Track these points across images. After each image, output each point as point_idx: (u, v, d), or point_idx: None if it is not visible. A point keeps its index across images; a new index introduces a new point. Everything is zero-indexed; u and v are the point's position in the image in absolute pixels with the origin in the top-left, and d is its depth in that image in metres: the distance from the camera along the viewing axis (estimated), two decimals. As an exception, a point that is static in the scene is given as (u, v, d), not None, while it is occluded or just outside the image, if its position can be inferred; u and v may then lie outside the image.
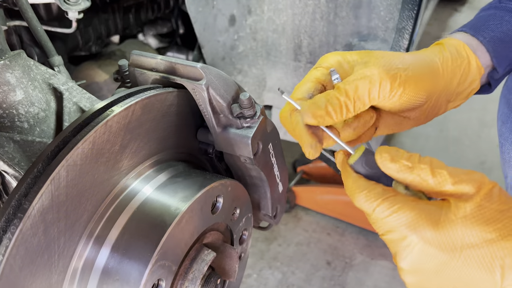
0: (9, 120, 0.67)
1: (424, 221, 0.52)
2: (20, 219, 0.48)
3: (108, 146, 0.58)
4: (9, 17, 1.05)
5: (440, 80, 0.69)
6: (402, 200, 0.54)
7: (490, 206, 0.51)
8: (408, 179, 0.55)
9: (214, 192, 0.68)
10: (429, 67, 0.68)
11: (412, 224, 0.52)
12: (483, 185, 0.52)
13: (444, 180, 0.53)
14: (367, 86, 0.61)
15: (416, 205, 0.53)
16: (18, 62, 0.67)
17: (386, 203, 0.54)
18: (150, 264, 0.56)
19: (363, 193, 0.56)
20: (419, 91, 0.66)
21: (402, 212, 0.53)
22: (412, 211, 0.53)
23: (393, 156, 0.56)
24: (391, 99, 0.64)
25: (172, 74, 0.67)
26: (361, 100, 0.62)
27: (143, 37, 1.90)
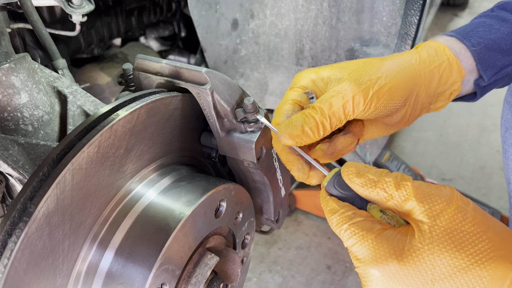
0: (14, 123, 0.67)
1: (387, 252, 0.47)
2: (25, 223, 0.48)
3: (113, 150, 0.58)
4: (13, 19, 1.06)
5: (417, 82, 0.68)
6: (367, 227, 0.50)
7: (461, 228, 0.46)
8: (373, 194, 0.51)
9: (218, 196, 0.68)
10: (406, 70, 0.67)
11: (373, 256, 0.48)
12: (451, 202, 0.47)
13: (408, 194, 0.49)
14: (340, 103, 0.61)
15: (381, 233, 0.49)
16: (23, 65, 0.67)
17: (352, 229, 0.51)
18: (154, 268, 0.56)
19: (333, 217, 0.53)
20: (394, 98, 0.65)
21: (364, 241, 0.49)
22: (375, 240, 0.49)
23: (359, 170, 0.53)
24: (366, 112, 0.63)
25: (177, 78, 0.68)
26: (336, 117, 0.61)
27: (145, 40, 1.91)
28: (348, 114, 0.62)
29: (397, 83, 0.65)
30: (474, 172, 2.28)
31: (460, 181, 2.21)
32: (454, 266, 0.45)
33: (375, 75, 0.63)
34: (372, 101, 0.63)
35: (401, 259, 0.47)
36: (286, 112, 0.65)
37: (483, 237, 0.45)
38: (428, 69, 0.69)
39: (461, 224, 0.46)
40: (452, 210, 0.46)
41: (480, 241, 0.45)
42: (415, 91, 0.68)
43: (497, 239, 0.45)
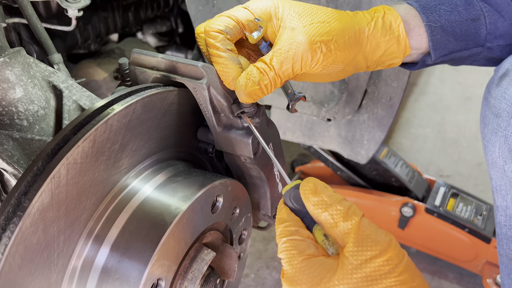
0: (8, 117, 0.66)
1: (304, 279, 0.49)
2: (19, 218, 0.48)
3: (109, 145, 0.58)
4: (8, 14, 1.05)
5: (362, 50, 0.70)
6: (301, 248, 0.51)
7: (383, 279, 0.47)
8: (321, 217, 0.52)
9: (214, 192, 0.68)
10: (355, 37, 0.69)
11: (292, 277, 0.50)
12: (385, 251, 0.48)
13: (350, 230, 0.50)
14: (290, 63, 0.64)
15: (309, 258, 0.50)
16: (17, 60, 0.66)
17: (286, 245, 0.52)
18: (150, 264, 0.56)
19: (278, 227, 0.55)
20: (337, 61, 0.68)
21: (291, 261, 0.50)
22: (300, 264, 0.50)
23: (317, 189, 0.53)
24: (311, 69, 0.67)
25: (173, 72, 0.67)
26: (286, 75, 0.65)
27: (142, 35, 1.90)
28: (296, 72, 0.65)
29: (343, 49, 0.68)
30: (471, 169, 2.28)
31: (458, 178, 2.21)
32: None
33: (327, 36, 0.65)
34: (319, 61, 0.66)
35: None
36: (227, 24, 0.65)
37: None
38: (376, 41, 0.71)
39: (384, 276, 0.47)
40: (381, 260, 0.47)
41: None
42: (357, 57, 0.71)
43: None
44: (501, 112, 0.69)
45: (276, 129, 0.80)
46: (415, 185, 1.69)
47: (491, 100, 0.72)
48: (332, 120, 1.38)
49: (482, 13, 0.75)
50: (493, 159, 0.72)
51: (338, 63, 0.68)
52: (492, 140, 0.71)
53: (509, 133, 0.67)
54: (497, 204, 0.75)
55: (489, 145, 0.73)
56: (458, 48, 0.76)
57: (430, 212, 1.59)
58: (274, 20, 0.67)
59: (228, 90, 0.67)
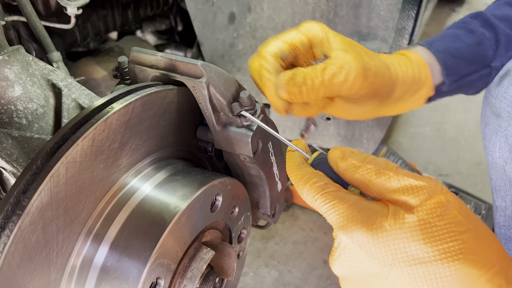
0: (7, 116, 0.66)
1: (357, 221, 0.47)
2: (18, 216, 0.48)
3: (108, 144, 0.57)
4: (7, 12, 1.04)
5: (395, 89, 0.72)
6: (341, 196, 0.49)
7: (436, 222, 0.44)
8: (354, 178, 0.51)
9: (214, 191, 0.68)
10: (390, 75, 0.71)
11: (343, 222, 0.48)
12: (434, 195, 0.46)
13: (388, 182, 0.48)
14: (342, 78, 0.62)
15: (355, 202, 0.48)
16: (16, 58, 0.66)
17: (324, 198, 0.50)
18: (149, 262, 0.56)
19: (306, 186, 0.52)
20: (378, 92, 0.69)
21: (337, 208, 0.48)
22: (347, 208, 0.48)
23: (344, 154, 0.53)
24: (356, 94, 0.67)
25: (172, 71, 0.67)
26: (332, 89, 0.63)
27: (141, 33, 1.89)
28: (343, 90, 0.64)
29: (381, 82, 0.69)
30: (470, 168, 2.29)
31: (457, 177, 2.22)
32: (416, 257, 0.44)
33: (375, 67, 0.67)
34: (365, 89, 0.66)
35: (369, 233, 0.46)
36: (282, 50, 0.66)
37: (457, 237, 0.44)
38: (408, 83, 0.74)
39: (437, 219, 0.45)
40: (432, 203, 0.46)
41: (452, 240, 0.44)
42: (387, 96, 0.73)
43: (472, 243, 0.44)
44: (501, 112, 0.69)
45: (276, 128, 0.80)
46: (414, 184, 1.69)
47: (491, 100, 0.73)
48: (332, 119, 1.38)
49: (485, 37, 0.79)
50: (493, 159, 0.72)
51: (377, 97, 0.70)
52: (492, 140, 0.72)
53: (509, 133, 0.68)
54: (497, 204, 0.75)
55: (490, 145, 0.73)
56: (469, 71, 0.78)
57: (429, 211, 1.59)
58: (326, 44, 0.68)
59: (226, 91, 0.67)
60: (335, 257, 0.50)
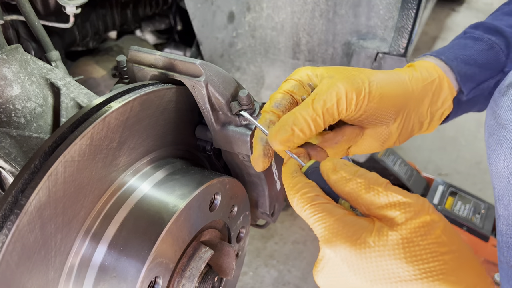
0: (6, 115, 0.66)
1: (342, 235, 0.48)
2: (16, 215, 0.47)
3: (106, 143, 0.57)
4: (6, 11, 1.04)
5: (410, 98, 0.68)
6: (329, 209, 0.50)
7: (419, 242, 0.45)
8: (344, 191, 0.51)
9: (212, 190, 0.68)
10: (397, 83, 0.67)
11: (329, 236, 0.48)
12: (419, 214, 0.46)
13: (376, 198, 0.48)
14: (334, 99, 0.60)
15: (342, 217, 0.49)
16: (15, 57, 0.66)
17: (312, 209, 0.51)
18: (148, 262, 0.56)
19: (297, 195, 0.53)
20: (385, 105, 0.65)
21: (323, 221, 0.49)
22: (334, 222, 0.49)
23: (336, 167, 0.53)
24: (358, 111, 0.63)
25: (171, 70, 0.67)
26: (330, 113, 0.61)
27: (141, 33, 1.89)
28: (341, 112, 0.61)
29: (388, 92, 0.65)
30: (470, 167, 2.29)
31: (456, 176, 2.22)
32: (397, 275, 0.45)
33: (368, 79, 0.64)
34: (364, 100, 0.62)
35: (353, 248, 0.47)
36: (276, 100, 0.65)
37: (439, 258, 0.44)
38: (420, 86, 0.70)
39: (420, 238, 0.45)
40: (417, 222, 0.46)
41: (433, 260, 0.44)
42: (407, 107, 0.69)
43: (453, 264, 0.45)
44: (507, 123, 0.68)
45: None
46: (413, 184, 1.69)
47: (496, 110, 0.72)
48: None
49: (493, 42, 0.77)
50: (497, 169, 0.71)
51: (386, 108, 0.65)
52: (497, 151, 0.71)
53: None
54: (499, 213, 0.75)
55: (494, 156, 0.72)
56: (484, 78, 0.76)
57: (428, 210, 1.59)
58: (313, 79, 0.67)
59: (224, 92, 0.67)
60: (319, 269, 0.51)
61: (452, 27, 3.92)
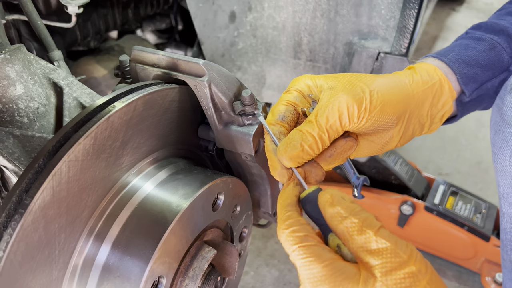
0: (9, 114, 0.66)
1: (329, 285, 0.48)
2: (21, 215, 0.47)
3: (110, 142, 0.57)
4: (8, 10, 1.04)
5: (410, 102, 0.68)
6: (318, 253, 0.50)
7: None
8: (338, 229, 0.51)
9: (215, 189, 0.68)
10: (398, 88, 0.67)
11: (316, 284, 0.48)
12: (406, 264, 0.46)
13: (367, 243, 0.48)
14: (336, 115, 0.61)
15: (331, 263, 0.49)
16: (18, 56, 0.66)
17: (301, 251, 0.51)
18: (151, 261, 0.56)
19: (286, 232, 0.53)
20: (386, 113, 0.65)
21: (312, 267, 0.49)
22: (322, 269, 0.48)
23: (333, 201, 0.53)
24: (360, 123, 0.63)
25: (174, 70, 0.67)
26: (334, 130, 0.61)
27: (142, 32, 1.89)
28: (344, 126, 0.62)
29: (389, 99, 0.65)
30: (470, 167, 2.29)
31: (457, 176, 2.22)
32: None
33: (368, 88, 0.63)
34: (366, 112, 0.63)
35: None
36: (279, 112, 0.66)
37: None
38: (421, 89, 0.70)
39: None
40: (403, 273, 0.46)
41: None
42: (408, 111, 0.68)
43: None
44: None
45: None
46: (414, 183, 1.69)
47: (502, 107, 0.72)
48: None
49: (495, 42, 0.77)
50: (503, 167, 0.71)
51: (389, 114, 0.65)
52: (502, 148, 0.71)
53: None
54: (504, 211, 0.75)
55: (499, 153, 0.72)
56: (487, 78, 0.76)
57: (429, 210, 1.59)
58: (314, 89, 0.67)
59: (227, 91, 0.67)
60: None
61: (452, 26, 3.92)
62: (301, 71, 1.44)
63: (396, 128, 0.69)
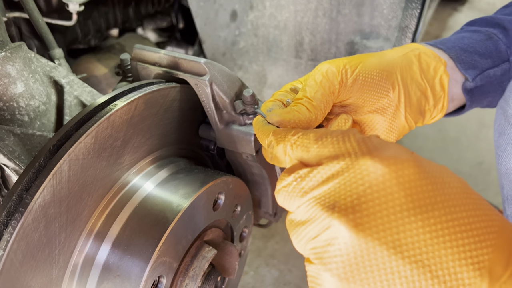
0: (9, 113, 0.66)
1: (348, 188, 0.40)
2: (21, 214, 0.47)
3: (110, 141, 0.57)
4: (8, 8, 1.04)
5: (394, 63, 0.66)
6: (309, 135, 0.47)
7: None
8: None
9: (216, 189, 0.68)
10: (377, 54, 0.67)
11: (326, 193, 0.40)
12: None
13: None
14: (319, 77, 0.60)
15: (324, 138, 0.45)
16: (19, 54, 0.66)
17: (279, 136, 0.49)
18: (152, 261, 0.56)
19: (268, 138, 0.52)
20: (371, 71, 0.63)
21: (304, 145, 0.45)
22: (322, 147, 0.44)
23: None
24: (346, 87, 0.62)
25: (175, 69, 0.67)
26: (322, 93, 0.60)
27: (143, 31, 1.89)
28: (332, 85, 0.61)
29: (369, 60, 0.65)
30: (472, 168, 2.28)
31: (458, 176, 2.21)
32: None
33: (347, 58, 0.64)
34: (347, 71, 0.62)
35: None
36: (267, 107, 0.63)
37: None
38: (401, 54, 0.69)
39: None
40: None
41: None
42: (396, 71, 0.67)
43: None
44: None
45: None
46: (415, 184, 1.69)
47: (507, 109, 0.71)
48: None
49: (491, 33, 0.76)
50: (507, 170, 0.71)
51: (372, 73, 0.64)
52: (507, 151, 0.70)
53: None
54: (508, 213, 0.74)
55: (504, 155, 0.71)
56: (487, 66, 0.75)
57: (430, 210, 1.58)
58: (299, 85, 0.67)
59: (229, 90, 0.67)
60: (328, 258, 0.40)
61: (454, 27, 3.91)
62: (303, 70, 1.44)
63: (395, 93, 0.67)
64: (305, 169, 0.44)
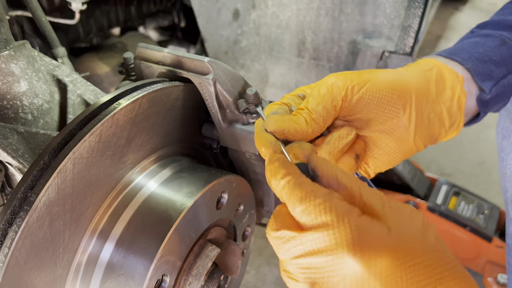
0: (13, 111, 0.66)
1: (369, 231, 0.41)
2: (26, 212, 0.47)
3: (115, 140, 0.57)
4: (11, 7, 1.04)
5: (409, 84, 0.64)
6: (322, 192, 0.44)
7: None
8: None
9: (219, 188, 0.68)
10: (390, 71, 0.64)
11: (351, 235, 0.40)
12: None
13: None
14: (324, 90, 0.59)
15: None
16: (22, 53, 0.66)
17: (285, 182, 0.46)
18: (156, 259, 0.56)
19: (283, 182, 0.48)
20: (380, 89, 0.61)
21: (326, 204, 0.43)
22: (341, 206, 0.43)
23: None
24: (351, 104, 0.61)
25: (179, 67, 0.67)
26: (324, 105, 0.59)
27: (144, 30, 1.88)
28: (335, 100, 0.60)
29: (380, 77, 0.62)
30: (473, 168, 2.28)
31: (459, 176, 2.21)
32: None
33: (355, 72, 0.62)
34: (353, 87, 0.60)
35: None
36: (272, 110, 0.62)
37: None
38: (418, 72, 0.66)
39: None
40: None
41: None
42: (410, 93, 0.64)
43: None
44: None
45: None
46: (417, 183, 1.69)
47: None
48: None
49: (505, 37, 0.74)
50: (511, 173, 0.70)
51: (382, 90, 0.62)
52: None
53: None
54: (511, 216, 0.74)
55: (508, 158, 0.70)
56: (502, 74, 0.73)
57: (432, 210, 1.58)
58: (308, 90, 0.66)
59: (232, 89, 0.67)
60: None
61: (455, 26, 3.91)
62: (305, 69, 1.44)
63: (405, 114, 0.64)
64: (288, 233, 0.45)
